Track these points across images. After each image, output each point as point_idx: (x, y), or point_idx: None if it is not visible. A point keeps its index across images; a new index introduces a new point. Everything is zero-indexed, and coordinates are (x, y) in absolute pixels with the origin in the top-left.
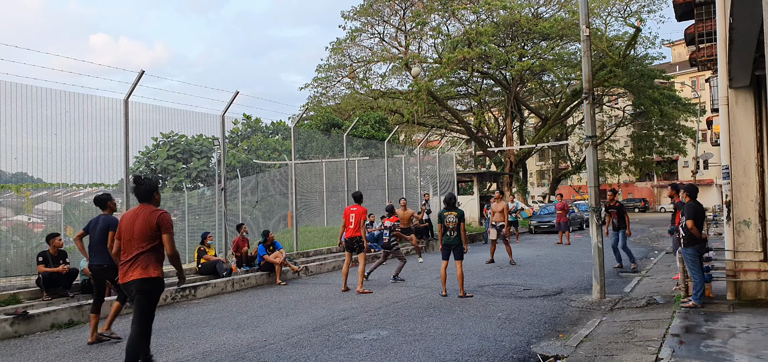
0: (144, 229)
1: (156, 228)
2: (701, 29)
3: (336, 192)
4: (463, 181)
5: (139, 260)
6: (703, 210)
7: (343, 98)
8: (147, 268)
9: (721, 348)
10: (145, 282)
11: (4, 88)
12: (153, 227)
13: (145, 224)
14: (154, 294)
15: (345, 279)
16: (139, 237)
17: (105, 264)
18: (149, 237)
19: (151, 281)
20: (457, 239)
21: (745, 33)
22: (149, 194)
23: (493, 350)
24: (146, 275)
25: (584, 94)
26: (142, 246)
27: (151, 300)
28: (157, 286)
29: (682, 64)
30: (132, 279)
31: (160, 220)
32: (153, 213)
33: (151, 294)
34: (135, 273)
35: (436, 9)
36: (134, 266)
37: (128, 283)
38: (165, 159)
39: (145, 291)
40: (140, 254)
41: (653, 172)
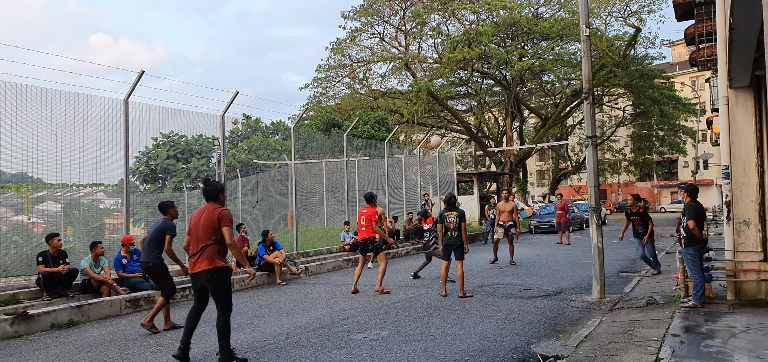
0: (207, 225)
1: (217, 223)
2: (701, 29)
3: (336, 192)
4: (463, 181)
5: (205, 252)
6: (704, 210)
7: (343, 98)
8: (212, 260)
9: (721, 348)
10: (212, 272)
11: (4, 88)
12: (214, 222)
13: (208, 221)
14: (222, 281)
15: (356, 280)
16: (203, 233)
17: (150, 262)
18: (212, 231)
19: (217, 270)
20: (458, 239)
21: (745, 33)
22: (216, 194)
23: (493, 350)
24: (212, 265)
25: (584, 94)
26: (207, 240)
27: (222, 287)
28: (224, 273)
29: (682, 64)
30: (200, 270)
31: (221, 216)
32: (215, 210)
33: (220, 282)
34: (202, 264)
35: (436, 9)
36: (201, 258)
37: (197, 274)
38: (165, 159)
39: (213, 279)
40: (205, 247)
41: (653, 172)
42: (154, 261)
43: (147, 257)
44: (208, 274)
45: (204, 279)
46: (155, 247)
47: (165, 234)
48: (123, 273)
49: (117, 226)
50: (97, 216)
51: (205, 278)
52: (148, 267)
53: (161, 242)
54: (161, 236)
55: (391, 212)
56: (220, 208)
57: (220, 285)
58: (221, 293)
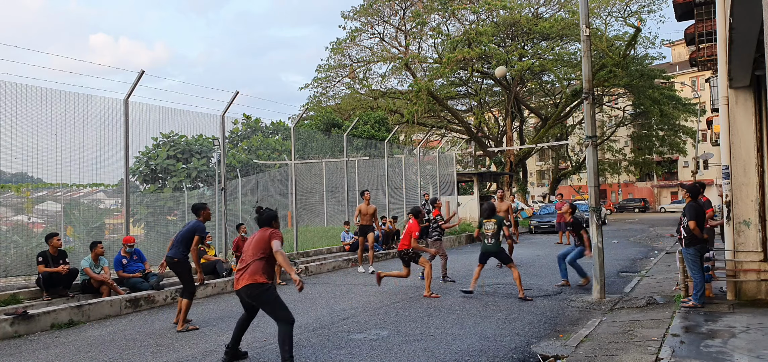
0: (258, 244)
1: (267, 240)
2: (701, 29)
3: (336, 192)
4: (463, 181)
5: (249, 268)
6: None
7: (343, 98)
8: (253, 275)
9: (721, 348)
10: (251, 287)
11: (4, 88)
12: (266, 240)
13: (260, 240)
14: (263, 295)
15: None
16: (252, 251)
17: (176, 258)
18: (261, 250)
19: (257, 285)
20: (495, 246)
21: (745, 33)
22: (269, 221)
23: (493, 350)
24: (251, 281)
25: (584, 94)
26: (253, 257)
27: (265, 299)
28: (264, 288)
29: (682, 64)
30: (241, 285)
31: (272, 233)
32: (266, 231)
33: (261, 296)
34: (243, 279)
35: (436, 9)
36: (244, 274)
37: (239, 289)
38: (165, 159)
39: (253, 295)
40: (250, 264)
41: (653, 172)
42: (179, 258)
43: (174, 253)
44: (248, 289)
45: (245, 295)
46: (182, 245)
47: (194, 234)
48: (123, 273)
49: (117, 226)
50: (97, 216)
51: (246, 293)
52: (173, 262)
53: (189, 241)
54: (190, 236)
55: (391, 212)
56: (271, 229)
57: (263, 299)
58: (270, 304)
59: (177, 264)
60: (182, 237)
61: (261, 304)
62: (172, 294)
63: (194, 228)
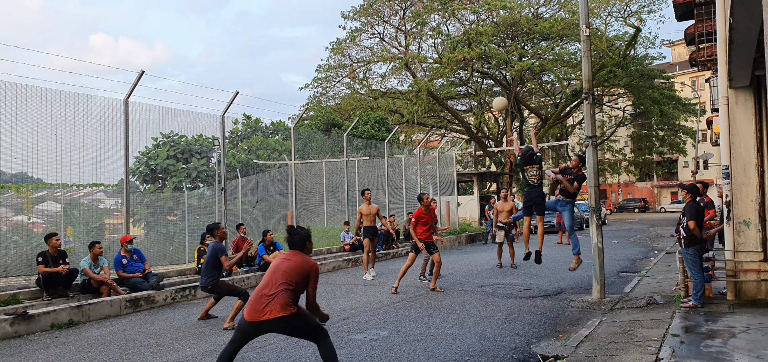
0: (293, 273)
1: (306, 277)
2: (701, 29)
3: (336, 192)
4: (463, 181)
5: (277, 297)
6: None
7: (343, 98)
8: (286, 306)
9: (721, 348)
10: (289, 319)
11: (4, 88)
12: (303, 275)
13: (296, 270)
14: (302, 319)
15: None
16: (283, 277)
17: (209, 285)
18: (295, 281)
19: (294, 317)
20: (539, 188)
21: (745, 33)
22: (303, 244)
23: (493, 350)
24: (288, 313)
25: (584, 94)
26: (283, 284)
27: (304, 323)
28: (300, 314)
29: (682, 64)
30: (272, 317)
31: (313, 272)
32: (306, 262)
33: (300, 321)
34: (273, 311)
35: (436, 9)
36: (271, 303)
37: (263, 321)
38: (165, 159)
39: (292, 327)
40: (278, 292)
41: (653, 172)
42: (212, 283)
43: (206, 281)
44: (284, 321)
45: (275, 328)
46: (212, 270)
47: (218, 255)
48: (123, 273)
49: (117, 226)
50: (97, 216)
51: (278, 326)
52: (209, 289)
53: (218, 264)
54: (216, 259)
55: (391, 212)
56: (311, 261)
57: (301, 325)
58: (306, 329)
59: (214, 289)
60: (208, 264)
61: (300, 333)
62: (172, 295)
63: (216, 250)
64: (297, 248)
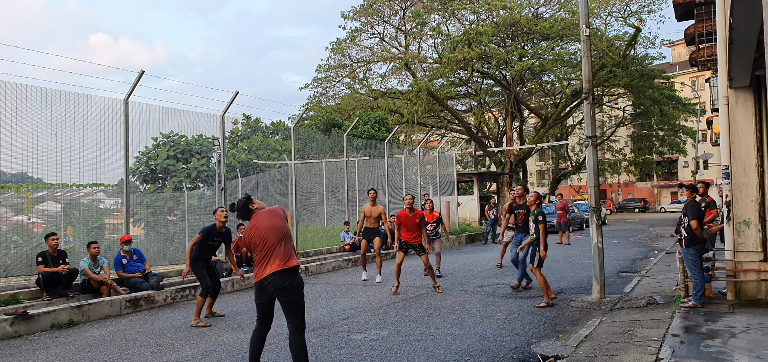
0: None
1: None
2: (701, 29)
3: (336, 192)
4: (463, 181)
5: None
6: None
7: (343, 98)
8: (288, 259)
9: (721, 348)
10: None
11: (4, 88)
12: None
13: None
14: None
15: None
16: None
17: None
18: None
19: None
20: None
21: (745, 33)
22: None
23: (493, 350)
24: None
25: (584, 94)
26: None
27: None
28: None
29: (682, 64)
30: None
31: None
32: (277, 210)
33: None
34: (275, 264)
35: (436, 9)
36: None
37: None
38: (165, 159)
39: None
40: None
41: (653, 172)
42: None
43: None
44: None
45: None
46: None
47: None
48: (123, 273)
49: (117, 226)
50: (97, 216)
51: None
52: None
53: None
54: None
55: (391, 212)
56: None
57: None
58: (298, 302)
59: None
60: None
61: (291, 296)
62: (172, 295)
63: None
64: (246, 218)
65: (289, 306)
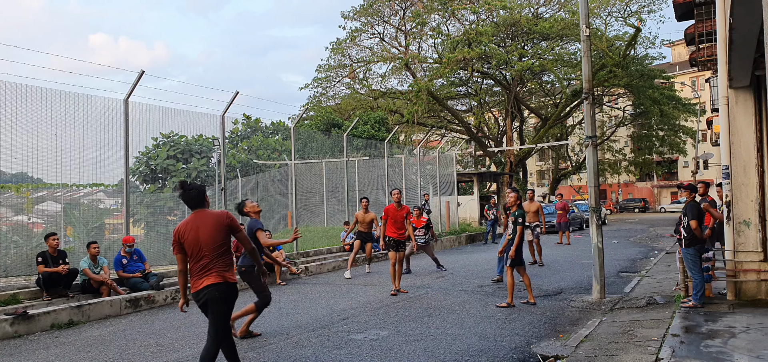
0: (217, 232)
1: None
2: (701, 29)
3: (336, 192)
4: (463, 181)
5: (217, 265)
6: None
7: (343, 98)
8: (223, 271)
9: (721, 348)
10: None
11: (4, 88)
12: (225, 226)
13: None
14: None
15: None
16: (212, 243)
17: (243, 267)
18: (223, 238)
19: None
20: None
21: (745, 33)
22: (201, 198)
23: (493, 350)
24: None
25: (584, 94)
26: (215, 250)
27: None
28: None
29: (682, 64)
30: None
31: (231, 219)
32: (222, 215)
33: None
34: (210, 278)
35: (436, 9)
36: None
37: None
38: (165, 159)
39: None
40: (213, 258)
41: (653, 172)
42: (247, 266)
43: (242, 261)
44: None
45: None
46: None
47: (254, 232)
48: (123, 273)
49: (117, 226)
50: (97, 216)
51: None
52: (242, 271)
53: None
54: (253, 236)
55: None
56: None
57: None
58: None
59: (246, 274)
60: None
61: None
62: (172, 295)
63: (252, 227)
64: (199, 206)
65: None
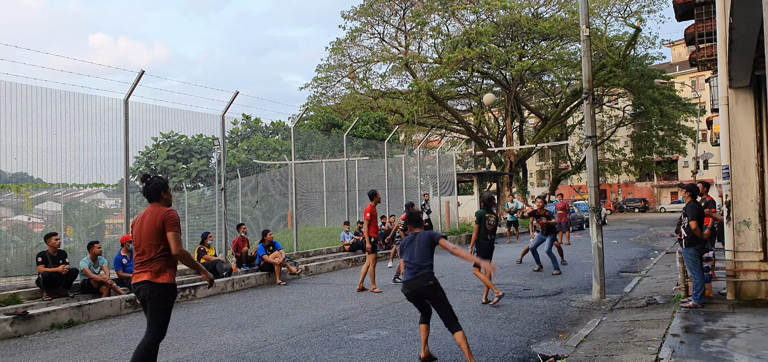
0: (150, 230)
1: (162, 227)
2: (701, 29)
3: (336, 192)
4: (463, 181)
5: (151, 264)
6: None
7: (343, 98)
8: (158, 274)
9: (721, 348)
10: (151, 286)
11: (4, 88)
12: (158, 227)
13: (151, 225)
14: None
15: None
16: (147, 240)
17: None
18: (157, 238)
19: (160, 286)
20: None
21: (745, 33)
22: (157, 192)
23: (493, 350)
24: (154, 280)
25: (584, 94)
26: (151, 249)
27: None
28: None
29: (682, 64)
30: (139, 281)
31: (167, 217)
32: (158, 211)
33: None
34: (142, 275)
35: (436, 9)
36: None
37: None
38: (165, 159)
39: (154, 296)
40: (152, 258)
41: (653, 172)
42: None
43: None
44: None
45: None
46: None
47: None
48: (123, 273)
49: (117, 226)
50: (97, 216)
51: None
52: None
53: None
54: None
55: (391, 212)
56: (167, 210)
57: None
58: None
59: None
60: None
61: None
62: None
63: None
64: (154, 200)
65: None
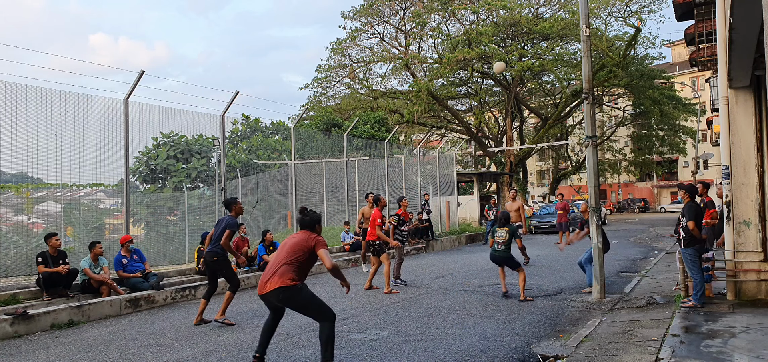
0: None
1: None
2: (701, 29)
3: (336, 192)
4: (463, 181)
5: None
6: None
7: (343, 98)
8: (283, 277)
9: (721, 348)
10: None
11: (4, 88)
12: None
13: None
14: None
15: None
16: (286, 254)
17: (215, 256)
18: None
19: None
20: (504, 253)
21: (745, 33)
22: (313, 225)
23: (493, 350)
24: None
25: (584, 94)
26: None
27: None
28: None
29: (682, 64)
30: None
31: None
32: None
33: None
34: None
35: (436, 9)
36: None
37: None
38: (165, 159)
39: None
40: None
41: (653, 172)
42: (217, 254)
43: (212, 247)
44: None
45: (274, 299)
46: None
47: (225, 229)
48: (123, 273)
49: (117, 226)
50: (97, 216)
51: (275, 297)
52: (213, 260)
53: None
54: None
55: (392, 212)
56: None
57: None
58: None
59: (216, 262)
60: (219, 235)
61: (297, 307)
62: (172, 294)
63: (226, 224)
64: (307, 229)
65: None
